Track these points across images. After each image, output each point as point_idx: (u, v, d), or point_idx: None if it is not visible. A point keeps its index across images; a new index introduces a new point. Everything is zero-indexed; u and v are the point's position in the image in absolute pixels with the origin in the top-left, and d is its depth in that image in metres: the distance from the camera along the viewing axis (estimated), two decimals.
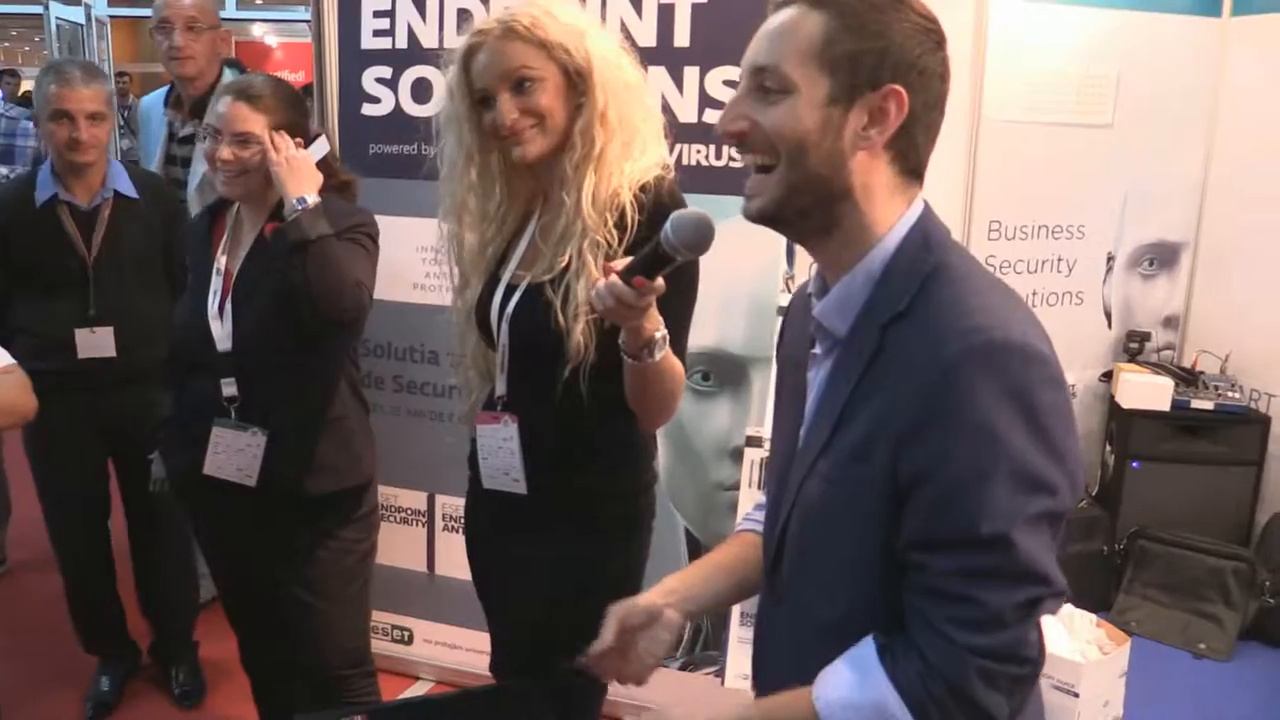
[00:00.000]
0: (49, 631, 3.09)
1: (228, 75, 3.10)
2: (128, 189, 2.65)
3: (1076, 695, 2.50)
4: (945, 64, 1.04)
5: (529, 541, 1.67)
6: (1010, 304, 0.99)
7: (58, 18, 4.93)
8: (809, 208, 1.04)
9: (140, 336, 2.62)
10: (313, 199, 1.96)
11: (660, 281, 1.28)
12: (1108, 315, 3.43)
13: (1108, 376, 3.41)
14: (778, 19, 1.04)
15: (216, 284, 2.05)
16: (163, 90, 3.22)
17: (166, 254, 2.66)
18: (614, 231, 1.54)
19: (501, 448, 1.65)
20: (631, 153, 1.57)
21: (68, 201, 2.61)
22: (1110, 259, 3.36)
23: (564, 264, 1.55)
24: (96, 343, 2.59)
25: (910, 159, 1.04)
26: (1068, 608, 2.73)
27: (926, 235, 1.04)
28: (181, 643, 3.00)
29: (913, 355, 0.97)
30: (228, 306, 2.02)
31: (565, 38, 1.54)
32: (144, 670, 3.04)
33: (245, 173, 2.00)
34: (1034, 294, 3.28)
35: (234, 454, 2.01)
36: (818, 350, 1.10)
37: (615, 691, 3.01)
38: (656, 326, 1.40)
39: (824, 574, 1.07)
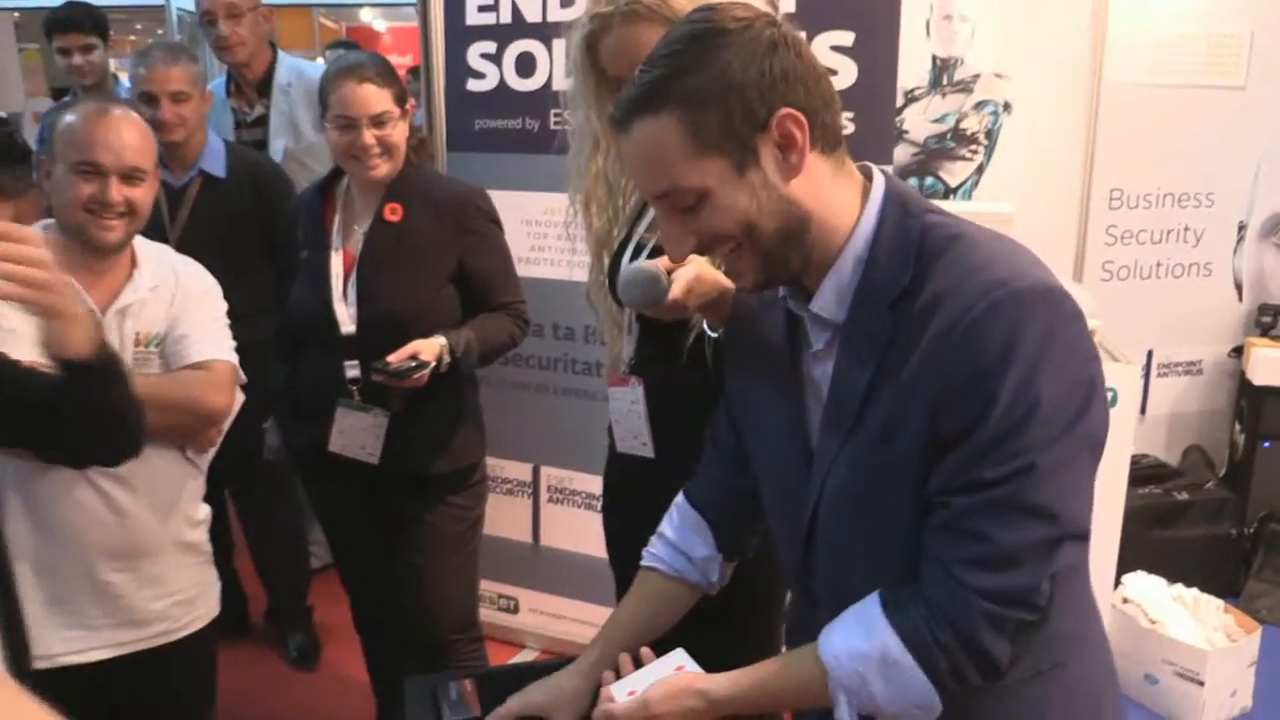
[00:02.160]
0: None
1: (282, 58, 3.18)
2: (216, 169, 2.71)
3: (1202, 684, 2.40)
4: (789, 39, 0.99)
5: (660, 507, 1.65)
6: (1014, 250, 0.99)
7: (179, 9, 5.09)
8: (789, 255, 1.03)
9: None
10: (447, 358, 2.01)
11: (673, 296, 1.33)
12: (1238, 287, 3.26)
13: (1238, 352, 3.24)
14: (636, 145, 1.01)
15: (337, 265, 2.08)
16: (221, 80, 3.30)
17: (263, 234, 2.73)
18: None
19: (630, 411, 1.64)
20: None
21: (162, 179, 2.70)
22: (1242, 228, 3.19)
23: None
24: None
25: (831, 137, 1.02)
26: (1193, 592, 2.62)
27: (902, 202, 1.03)
28: (295, 607, 3.11)
29: (938, 323, 0.95)
30: (351, 289, 2.06)
31: (690, 9, 1.50)
32: (260, 634, 3.16)
33: (388, 150, 2.03)
34: (1158, 265, 3.13)
35: (357, 434, 2.06)
36: (818, 346, 1.08)
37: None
38: (729, 302, 1.37)
39: (867, 561, 1.06)
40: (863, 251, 1.02)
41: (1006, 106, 2.81)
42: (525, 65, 2.70)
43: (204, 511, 1.90)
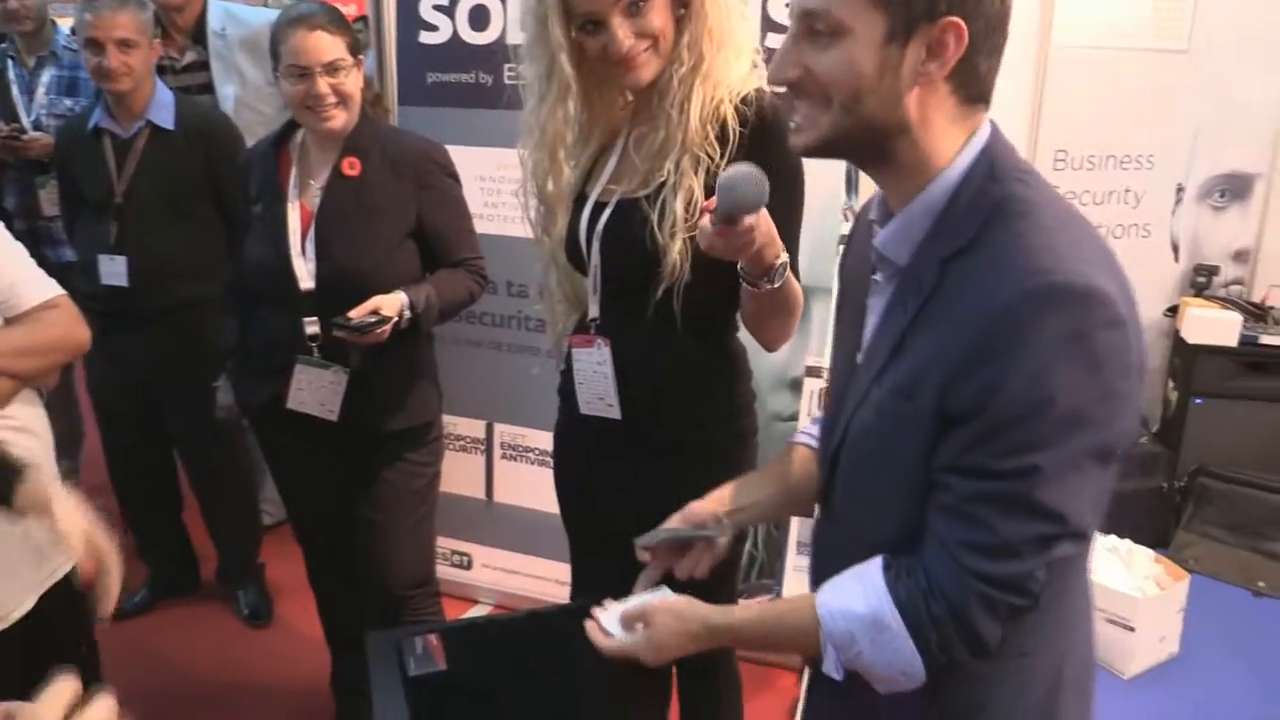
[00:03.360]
0: None
1: (211, 2, 3.09)
2: (164, 120, 2.66)
3: (1133, 630, 2.50)
4: None
5: (624, 468, 1.66)
6: (1078, 241, 0.96)
7: None
8: (862, 144, 1.02)
9: (161, 270, 2.66)
10: (408, 314, 2.00)
11: (748, 222, 1.24)
12: (1175, 249, 3.34)
13: (1173, 311, 3.34)
14: None
15: (294, 221, 2.05)
16: None
17: (213, 188, 2.68)
18: (715, 144, 1.48)
19: (596, 371, 1.63)
20: (733, 64, 1.52)
21: (109, 130, 2.64)
22: (1180, 190, 3.26)
23: (661, 179, 1.51)
24: (115, 270, 2.63)
25: (972, 87, 1.00)
26: (1126, 543, 2.71)
27: (992, 164, 1.00)
28: (246, 565, 3.10)
29: (971, 294, 0.95)
30: (309, 245, 2.03)
31: None
32: (210, 592, 3.15)
33: (344, 100, 2.00)
34: (1100, 226, 3.08)
35: (316, 390, 2.05)
36: (879, 278, 1.09)
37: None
38: (778, 253, 1.35)
39: (874, 498, 1.09)
40: (939, 203, 1.01)
41: None
42: (479, 17, 2.67)
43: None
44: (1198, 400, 3.20)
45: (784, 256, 1.37)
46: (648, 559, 1.30)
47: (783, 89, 1.05)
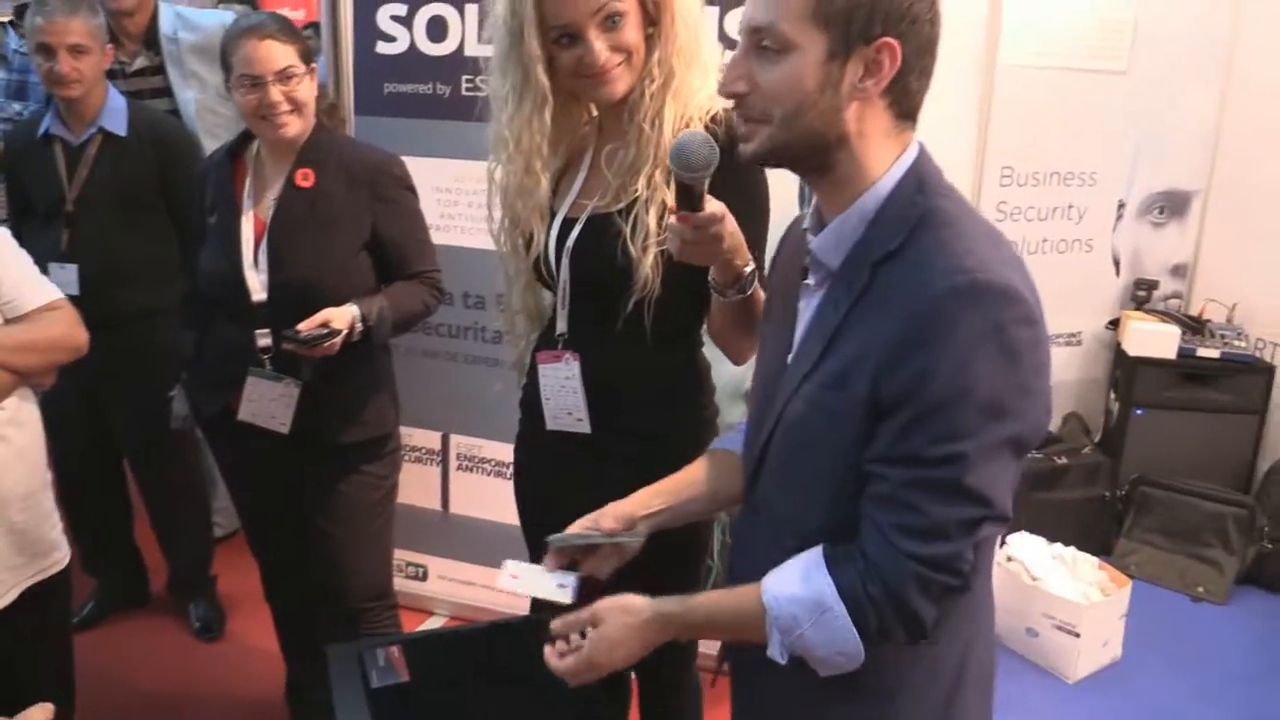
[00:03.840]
0: None
1: (163, 7, 3.06)
2: (116, 126, 2.63)
3: (1078, 635, 2.56)
4: (934, 8, 1.06)
5: (587, 481, 1.66)
6: (995, 249, 1.04)
7: None
8: (804, 154, 1.09)
9: (113, 278, 2.63)
10: (359, 326, 1.99)
11: (711, 209, 1.27)
12: (1116, 263, 3.43)
13: (1114, 324, 3.43)
14: None
15: (248, 232, 2.04)
16: None
17: (166, 194, 2.66)
18: None
19: (564, 386, 1.63)
20: (702, 83, 1.54)
21: (60, 136, 2.61)
22: (1121, 206, 3.36)
23: (635, 194, 1.52)
24: (65, 278, 2.59)
25: (904, 104, 1.08)
26: (1070, 550, 2.78)
27: (921, 179, 1.09)
28: (199, 577, 3.06)
29: (900, 291, 1.03)
30: (262, 256, 2.02)
31: None
32: (161, 605, 3.10)
33: (297, 108, 2.00)
34: (1044, 241, 3.28)
35: (267, 403, 2.04)
36: (810, 281, 1.15)
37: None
38: (746, 261, 1.39)
39: (803, 488, 1.15)
40: (871, 212, 1.08)
41: None
42: (437, 29, 2.67)
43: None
44: (1138, 411, 3.29)
45: (753, 265, 1.40)
46: (554, 560, 1.34)
47: (730, 102, 1.12)
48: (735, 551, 1.32)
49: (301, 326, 1.91)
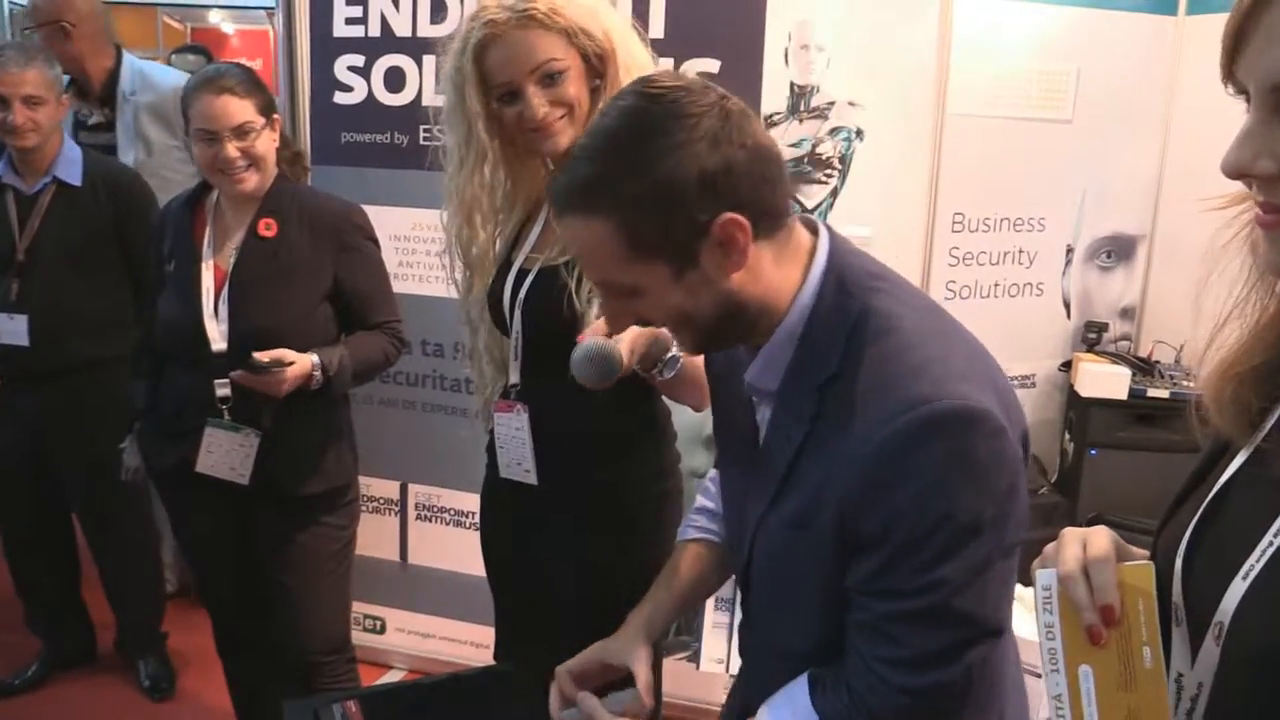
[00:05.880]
0: None
1: (127, 61, 3.06)
2: (71, 177, 2.61)
3: (1039, 676, 2.56)
4: (734, 120, 0.96)
5: (542, 533, 1.66)
6: (947, 354, 0.99)
7: (10, 1, 4.82)
8: (728, 331, 1.05)
9: (64, 329, 2.60)
10: (318, 376, 1.98)
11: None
12: (1067, 306, 3.49)
13: (1067, 366, 3.48)
14: (573, 237, 1.02)
15: (208, 281, 2.02)
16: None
17: (122, 245, 2.63)
18: None
19: (514, 436, 1.64)
20: None
21: (12, 185, 2.59)
22: (1069, 251, 3.42)
23: None
24: (14, 329, 2.56)
25: (774, 223, 1.01)
26: (1030, 592, 2.79)
27: (841, 279, 1.02)
28: (148, 634, 2.99)
29: (854, 426, 0.97)
30: (222, 305, 2.00)
31: (585, 20, 1.50)
32: (108, 663, 3.02)
33: (255, 162, 1.99)
34: (996, 285, 3.34)
35: (226, 453, 2.01)
36: (755, 399, 1.11)
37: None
38: (665, 349, 1.39)
39: (792, 609, 1.10)
40: (797, 328, 1.02)
41: (859, 133, 2.95)
42: (394, 79, 2.69)
43: None
44: (1092, 451, 3.32)
45: (673, 351, 1.40)
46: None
47: None
48: (743, 665, 1.28)
49: (258, 355, 1.90)
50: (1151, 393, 3.29)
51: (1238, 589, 0.75)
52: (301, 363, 1.94)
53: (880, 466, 0.94)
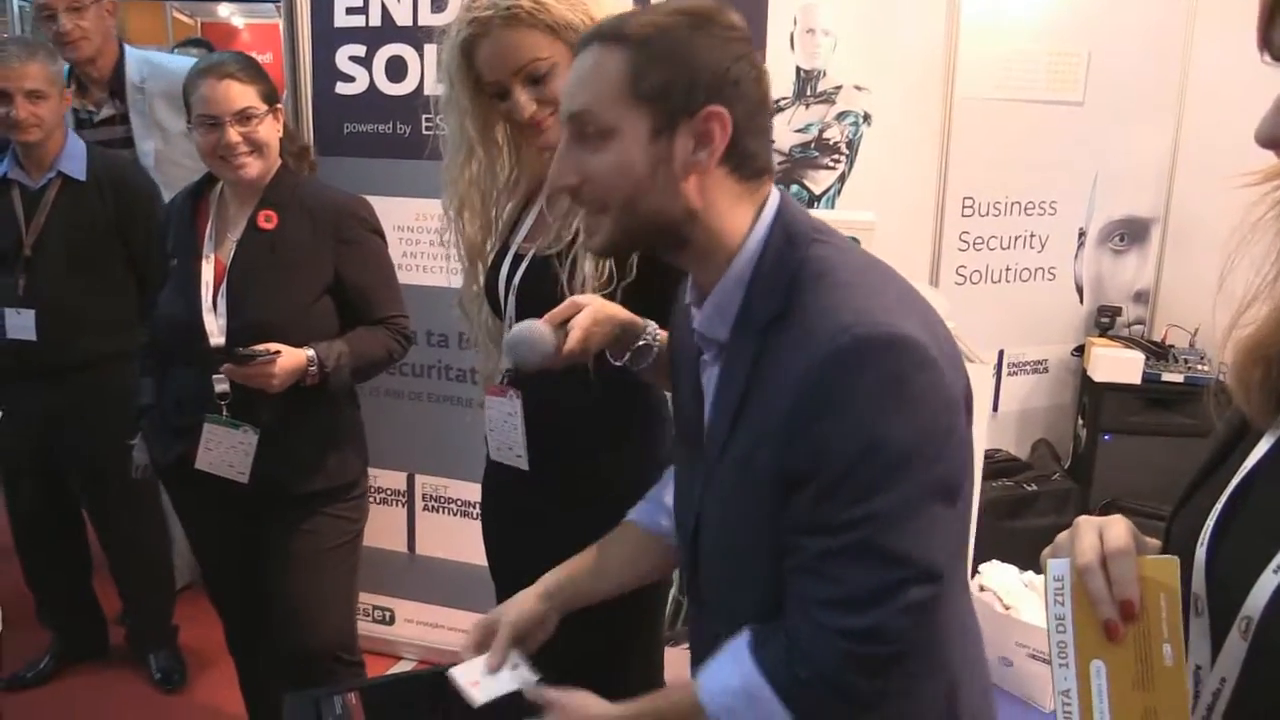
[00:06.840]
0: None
1: (130, 53, 3.05)
2: (75, 171, 2.61)
3: (1047, 662, 2.54)
4: (758, 66, 1.03)
5: (540, 519, 1.66)
6: (879, 290, 1.00)
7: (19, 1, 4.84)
8: (653, 237, 1.06)
9: (71, 325, 2.60)
10: (314, 369, 1.96)
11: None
12: (1079, 290, 3.46)
13: (1080, 351, 3.45)
14: (582, 63, 1.05)
15: (208, 275, 2.01)
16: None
17: (125, 240, 2.63)
18: None
19: (506, 422, 1.63)
20: None
21: (17, 180, 2.59)
22: (1081, 235, 3.39)
23: (571, 237, 1.53)
24: (22, 324, 2.57)
25: (748, 166, 1.04)
26: (1041, 579, 2.77)
27: (788, 231, 1.04)
28: (160, 628, 2.99)
29: (788, 360, 0.98)
30: (221, 299, 1.99)
31: (571, 15, 1.49)
32: (119, 656, 3.03)
33: (257, 148, 1.98)
34: (1007, 269, 3.31)
35: (225, 451, 2.00)
36: (706, 357, 1.11)
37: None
38: (635, 338, 1.37)
39: (739, 577, 1.09)
40: (745, 275, 1.04)
41: (866, 118, 2.92)
42: (396, 69, 2.68)
43: None
44: (1106, 437, 3.30)
45: (645, 338, 1.37)
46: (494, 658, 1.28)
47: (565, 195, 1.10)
48: (691, 642, 1.27)
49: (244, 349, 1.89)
50: (1166, 377, 3.25)
51: (1268, 582, 0.73)
52: (293, 355, 1.92)
53: (809, 398, 0.95)
